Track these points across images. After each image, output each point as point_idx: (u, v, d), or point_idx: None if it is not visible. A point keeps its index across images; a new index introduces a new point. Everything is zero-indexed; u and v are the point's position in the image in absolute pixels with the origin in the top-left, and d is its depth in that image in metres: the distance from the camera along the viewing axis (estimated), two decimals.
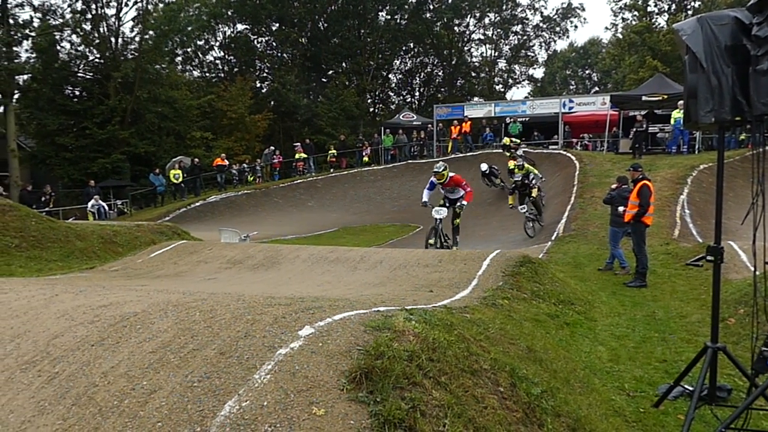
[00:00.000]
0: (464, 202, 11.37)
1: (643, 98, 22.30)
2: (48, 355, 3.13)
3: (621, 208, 10.04)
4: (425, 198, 11.49)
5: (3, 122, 29.95)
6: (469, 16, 51.37)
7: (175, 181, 26.72)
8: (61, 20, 33.53)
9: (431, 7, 49.13)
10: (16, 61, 29.85)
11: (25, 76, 32.78)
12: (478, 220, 19.61)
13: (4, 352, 3.23)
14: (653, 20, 42.48)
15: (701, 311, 7.63)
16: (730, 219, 13.18)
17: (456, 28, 51.11)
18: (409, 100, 52.78)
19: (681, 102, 19.29)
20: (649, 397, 4.84)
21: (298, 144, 30.96)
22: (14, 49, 30.13)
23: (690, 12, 39.82)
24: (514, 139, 23.98)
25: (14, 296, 4.25)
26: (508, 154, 22.37)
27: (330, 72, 48.70)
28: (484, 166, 18.77)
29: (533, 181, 17.40)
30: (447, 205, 11.58)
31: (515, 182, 15.86)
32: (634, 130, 21.33)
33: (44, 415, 2.67)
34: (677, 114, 20.00)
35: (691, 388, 4.45)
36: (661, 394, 4.76)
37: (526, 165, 17.45)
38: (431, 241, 11.05)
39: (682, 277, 9.83)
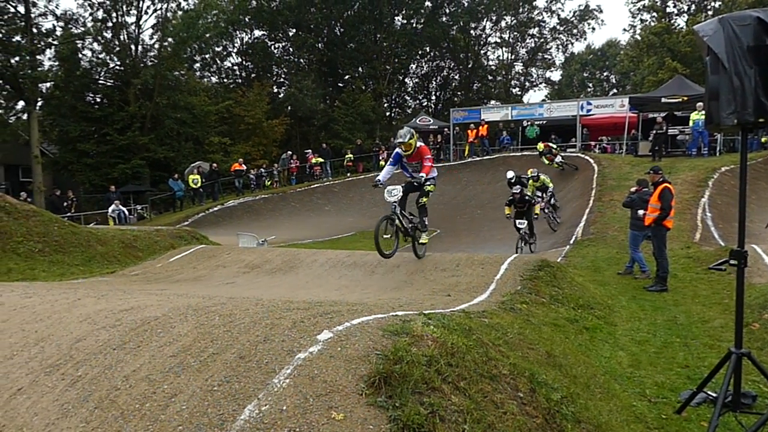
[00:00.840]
0: (423, 175, 8.51)
1: (663, 100, 22.05)
2: (71, 359, 3.18)
3: (641, 212, 9.92)
4: (381, 176, 8.60)
5: (27, 129, 30.54)
6: (485, 19, 51.29)
7: (194, 186, 27.01)
8: (82, 29, 34.20)
9: (447, 10, 49.13)
10: (39, 69, 30.45)
11: (48, 84, 33.43)
12: (495, 224, 19.50)
13: (28, 355, 3.29)
14: (672, 21, 42.00)
15: (724, 316, 7.50)
16: (753, 222, 12.96)
17: (472, 31, 51.05)
18: (425, 104, 52.80)
19: (699, 104, 19.06)
20: (671, 404, 4.77)
21: (309, 150, 31.19)
22: (37, 57, 30.77)
23: (710, 12, 39.31)
24: (551, 145, 23.00)
25: (38, 300, 4.32)
26: (547, 162, 21.81)
27: (346, 77, 48.92)
28: (510, 174, 18.26)
29: (549, 197, 16.73)
30: (409, 187, 8.73)
31: (513, 194, 14.34)
32: (654, 132, 21.10)
33: (68, 417, 2.71)
34: (695, 116, 19.76)
35: (714, 395, 4.37)
36: (683, 400, 4.68)
37: (542, 177, 16.93)
38: (386, 236, 8.19)
39: (703, 281, 9.68)
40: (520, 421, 2.95)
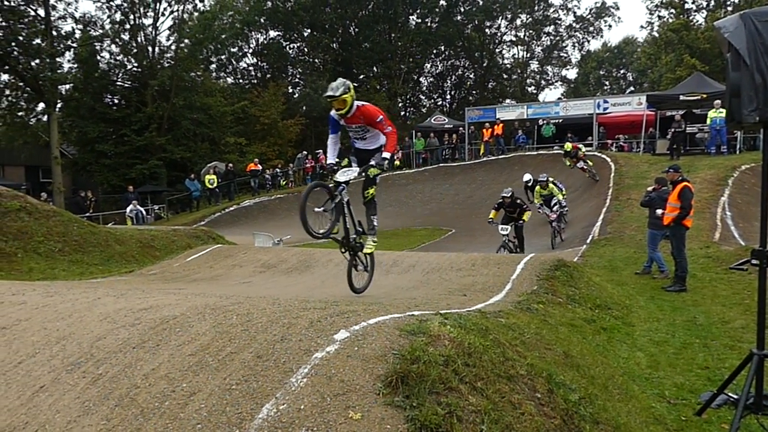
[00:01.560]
0: (386, 155, 6.44)
1: (681, 98, 21.77)
2: (92, 357, 3.22)
3: (659, 211, 9.80)
4: (330, 156, 6.62)
5: (47, 131, 31.01)
6: (500, 17, 51.06)
7: (210, 186, 27.23)
8: (101, 31, 34.66)
9: (462, 9, 48.97)
10: (59, 71, 30.90)
11: (67, 86, 33.91)
12: None
13: (50, 353, 3.34)
14: (691, 18, 41.48)
15: (745, 316, 7.39)
16: None
17: (487, 30, 50.86)
18: (440, 103, 52.72)
19: (717, 101, 18.80)
20: (691, 405, 4.71)
21: (320, 151, 31.36)
22: (57, 60, 31.22)
23: (729, 8, 38.73)
24: (580, 146, 21.11)
25: (59, 299, 4.38)
26: (568, 163, 20.64)
27: (361, 76, 48.98)
28: (527, 176, 16.99)
29: (556, 207, 15.39)
30: (356, 163, 6.84)
31: (503, 198, 13.05)
32: (672, 130, 20.84)
33: (89, 415, 2.74)
34: (713, 114, 19.52)
35: (735, 397, 4.31)
36: (703, 402, 4.62)
37: (551, 185, 15.59)
38: (318, 209, 6.22)
39: (723, 282, 9.54)
40: (538, 422, 2.93)
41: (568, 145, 20.91)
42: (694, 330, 7.10)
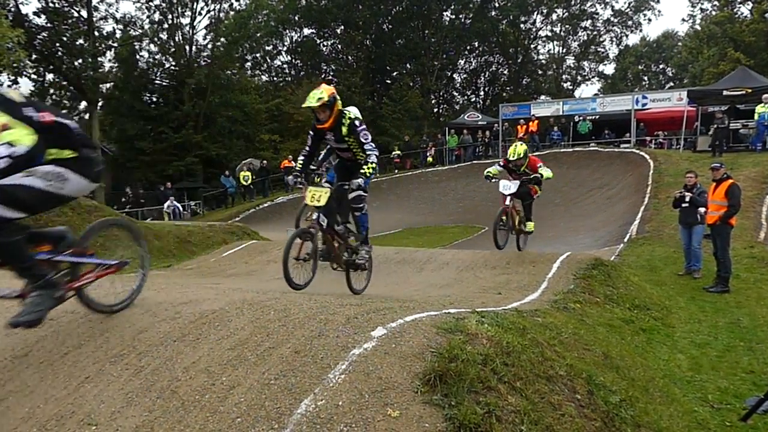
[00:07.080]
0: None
1: (725, 93, 21.05)
2: (134, 350, 3.29)
3: (702, 210, 9.51)
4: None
5: (88, 128, 31.89)
6: (535, 12, 50.21)
7: (245, 183, 27.59)
8: (140, 31, 35.47)
9: (496, 4, 48.35)
10: (100, 70, 31.75)
11: (108, 85, 34.81)
12: (546, 221, 19.11)
13: (95, 345, 3.42)
14: (735, 10, 40.10)
15: None
16: None
17: (522, 25, 50.06)
18: (473, 99, 52.21)
19: (766, 96, 18.13)
20: (736, 410, 4.57)
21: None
22: (99, 59, 32.10)
23: None
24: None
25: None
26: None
27: (394, 73, 48.90)
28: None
29: None
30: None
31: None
32: (714, 126, 20.19)
33: (132, 406, 2.81)
34: (761, 109, 18.81)
35: None
36: (749, 407, 4.46)
37: None
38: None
39: None
40: (579, 424, 2.88)
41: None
42: (737, 332, 6.89)
